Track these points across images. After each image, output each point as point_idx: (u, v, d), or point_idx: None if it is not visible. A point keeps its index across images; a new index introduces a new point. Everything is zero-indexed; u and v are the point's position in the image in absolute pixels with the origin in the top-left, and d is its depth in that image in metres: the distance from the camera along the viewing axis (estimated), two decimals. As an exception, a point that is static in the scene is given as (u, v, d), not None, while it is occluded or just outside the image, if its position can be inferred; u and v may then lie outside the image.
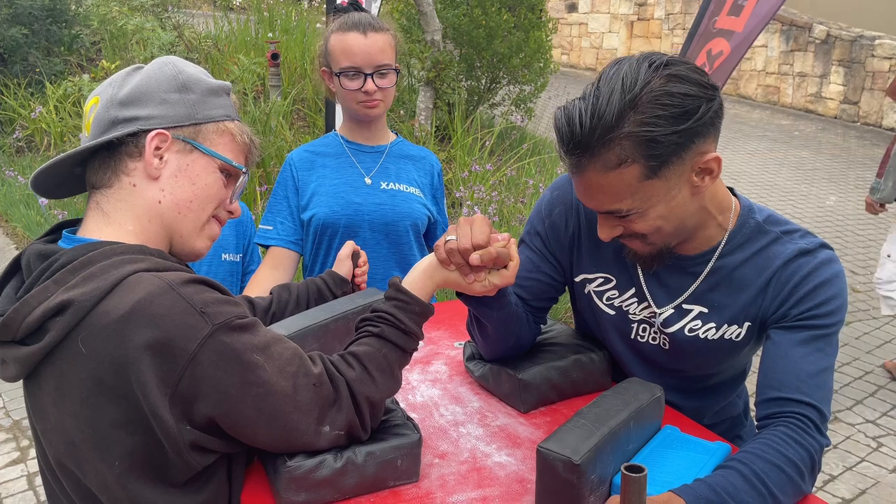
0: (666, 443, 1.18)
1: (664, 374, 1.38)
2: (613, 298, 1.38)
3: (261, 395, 0.99)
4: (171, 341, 0.95)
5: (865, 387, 3.85)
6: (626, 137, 1.07)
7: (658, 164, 1.09)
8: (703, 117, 1.09)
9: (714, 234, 1.27)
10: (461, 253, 1.13)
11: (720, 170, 1.15)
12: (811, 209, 6.86)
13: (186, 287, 0.99)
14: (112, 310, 0.96)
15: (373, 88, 1.86)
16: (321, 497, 1.08)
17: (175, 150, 1.10)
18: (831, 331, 1.18)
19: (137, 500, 1.00)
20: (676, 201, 1.15)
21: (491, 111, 7.51)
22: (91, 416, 0.97)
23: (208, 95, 1.14)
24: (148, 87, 1.10)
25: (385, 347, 1.11)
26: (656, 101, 1.06)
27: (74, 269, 1.00)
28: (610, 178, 1.10)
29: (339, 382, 1.06)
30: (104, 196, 1.10)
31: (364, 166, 1.99)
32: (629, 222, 1.17)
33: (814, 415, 1.13)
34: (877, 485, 3.03)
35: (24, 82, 7.25)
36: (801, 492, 1.08)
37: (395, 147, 2.04)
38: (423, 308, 1.14)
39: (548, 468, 1.02)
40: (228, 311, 1.00)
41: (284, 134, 5.92)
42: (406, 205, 1.97)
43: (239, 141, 1.17)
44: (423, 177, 2.05)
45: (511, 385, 1.37)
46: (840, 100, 10.21)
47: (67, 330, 0.97)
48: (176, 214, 1.11)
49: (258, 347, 1.01)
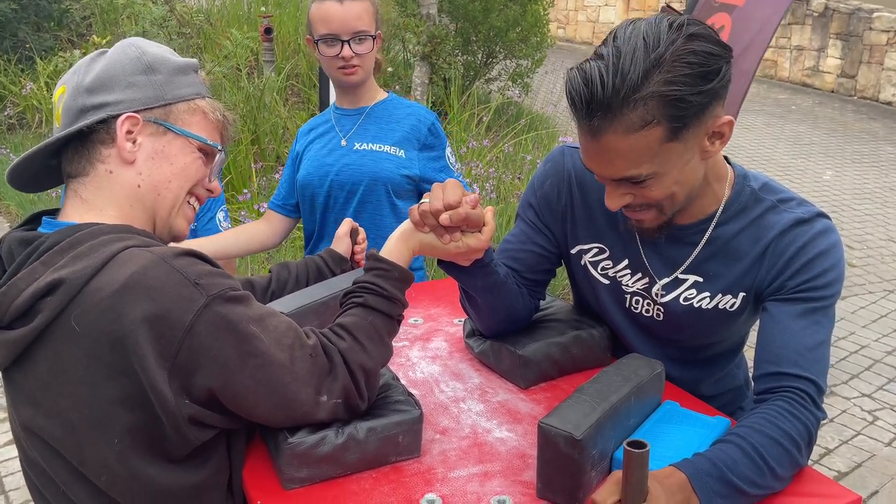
0: (666, 418, 1.18)
1: (661, 343, 1.39)
2: (608, 269, 1.38)
3: (259, 365, 0.99)
4: (168, 313, 0.94)
5: (862, 361, 3.87)
6: (652, 97, 1.04)
7: (681, 125, 1.07)
8: (724, 77, 1.08)
9: (709, 203, 1.26)
10: (433, 214, 1.14)
11: (731, 133, 1.13)
12: (808, 184, 6.85)
13: (179, 259, 0.98)
14: (105, 286, 0.95)
15: (349, 54, 1.91)
16: (323, 473, 1.08)
17: (148, 133, 1.10)
18: (828, 303, 1.18)
19: (138, 477, 1.00)
20: (689, 166, 1.13)
21: (487, 86, 7.44)
22: (88, 394, 0.97)
23: (175, 74, 1.13)
24: (113, 72, 1.09)
25: (370, 315, 1.11)
26: (682, 60, 1.04)
27: (63, 250, 0.99)
28: (631, 141, 1.07)
29: (333, 352, 1.06)
30: (81, 184, 1.09)
31: (343, 129, 2.07)
32: (644, 189, 1.14)
33: (811, 389, 1.13)
34: (872, 458, 3.06)
35: (14, 58, 7.16)
36: (798, 464, 1.09)
37: (377, 107, 2.07)
38: (402, 274, 1.15)
39: (549, 443, 1.02)
40: (222, 283, 1.00)
41: (279, 110, 5.86)
42: (374, 164, 2.00)
43: (212, 118, 1.16)
44: (408, 133, 2.04)
45: (511, 361, 1.37)
46: (837, 73, 10.15)
47: (59, 309, 0.96)
48: (156, 196, 1.10)
49: (253, 319, 1.01)
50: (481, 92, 7.16)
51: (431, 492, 1.07)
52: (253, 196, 4.67)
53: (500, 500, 1.05)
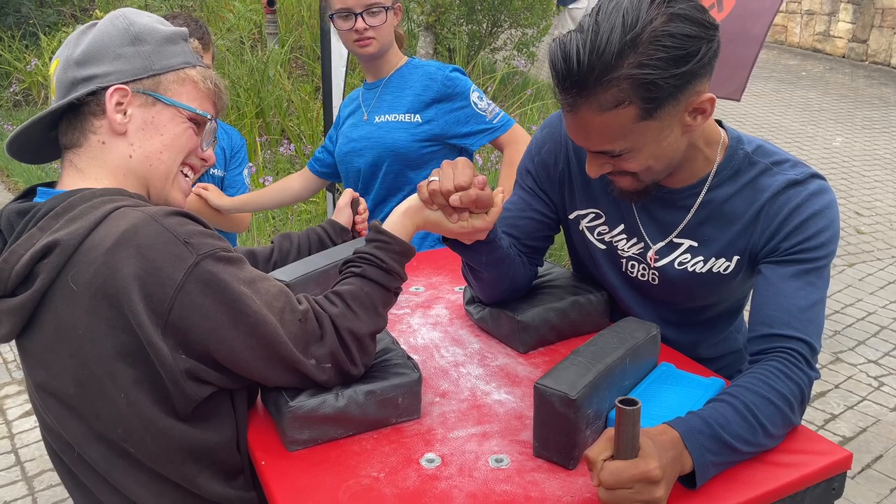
0: (661, 379, 1.20)
1: (658, 306, 1.40)
2: (604, 234, 1.39)
3: (250, 325, 1.01)
4: (158, 271, 0.97)
5: (868, 327, 3.88)
6: (625, 79, 1.05)
7: (654, 106, 1.08)
8: (703, 59, 1.07)
9: (701, 168, 1.26)
10: (443, 194, 1.14)
11: (713, 110, 1.14)
12: (817, 151, 6.79)
13: (169, 218, 1.00)
14: (99, 243, 0.97)
15: (362, 27, 1.96)
16: (325, 434, 1.11)
17: (137, 104, 1.11)
18: (822, 263, 1.19)
19: (150, 428, 1.03)
20: (668, 141, 1.15)
21: (492, 56, 7.38)
22: (92, 351, 0.99)
23: (164, 44, 1.14)
24: (101, 44, 1.10)
25: (367, 286, 1.12)
26: (657, 42, 1.04)
27: (57, 215, 1.02)
28: (604, 119, 1.09)
29: (323, 318, 1.08)
30: (76, 155, 1.11)
31: (367, 104, 2.14)
32: (620, 161, 1.17)
33: (804, 349, 1.14)
34: (877, 423, 3.08)
35: (18, 34, 7.15)
36: (790, 423, 1.10)
37: (394, 77, 2.10)
38: (403, 247, 1.16)
39: (545, 403, 1.04)
40: (212, 244, 1.01)
41: (283, 83, 5.84)
42: (388, 135, 2.06)
43: (203, 88, 1.17)
44: (419, 93, 2.05)
45: (510, 326, 1.39)
46: (848, 38, 10.00)
47: (57, 270, 0.98)
48: (147, 167, 1.12)
49: (245, 281, 1.03)
50: (486, 62, 7.11)
51: (431, 451, 1.10)
52: (258, 169, 4.68)
53: (498, 459, 1.08)
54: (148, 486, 1.07)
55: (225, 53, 5.87)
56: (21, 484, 2.71)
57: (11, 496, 2.65)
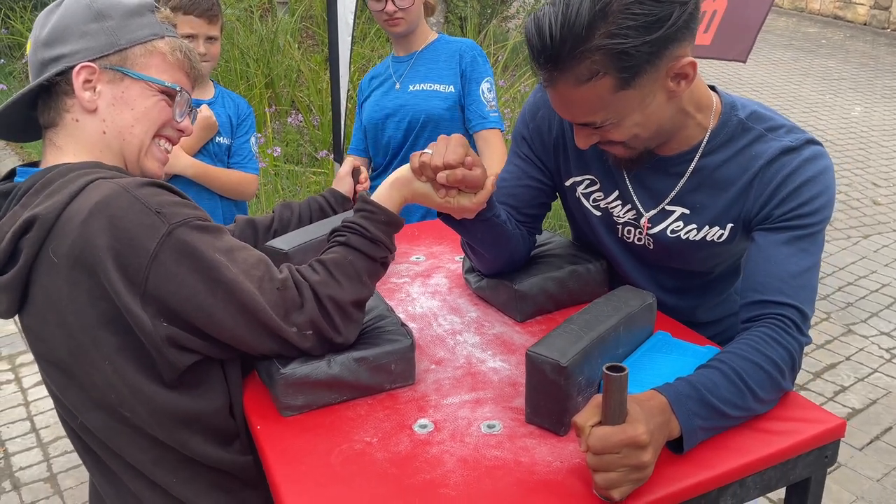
0: (656, 347, 1.20)
1: (656, 271, 1.39)
2: (599, 200, 1.38)
3: (228, 292, 1.02)
4: (131, 241, 0.97)
5: (881, 299, 3.84)
6: (597, 50, 1.04)
7: (630, 75, 1.07)
8: (676, 23, 1.05)
9: (693, 134, 1.25)
10: (432, 169, 1.14)
11: (695, 73, 1.13)
12: (835, 120, 6.68)
13: (141, 189, 1.01)
14: (75, 215, 0.99)
15: (392, 9, 2.16)
16: (318, 399, 1.12)
17: (106, 81, 1.12)
18: (816, 229, 1.17)
19: (139, 395, 1.04)
20: (652, 108, 1.13)
21: (504, 25, 7.30)
22: (76, 321, 1.01)
23: (128, 18, 1.13)
24: (65, 23, 1.11)
25: (351, 255, 1.12)
26: (627, 11, 1.03)
27: (37, 191, 1.04)
28: (582, 91, 1.09)
29: (303, 285, 1.08)
30: (55, 133, 1.13)
31: (398, 74, 2.33)
32: (605, 132, 1.16)
33: (794, 315, 1.13)
34: (888, 395, 3.07)
35: (31, 5, 7.15)
36: (781, 388, 1.10)
37: (426, 50, 2.31)
38: (389, 217, 1.15)
39: (536, 370, 1.05)
40: (185, 213, 1.02)
41: (293, 53, 5.81)
42: (425, 102, 2.26)
43: (172, 59, 1.17)
44: (453, 66, 2.27)
45: (508, 295, 1.39)
46: (870, 5, 9.76)
47: (38, 244, 1.00)
48: (121, 141, 1.13)
49: (221, 249, 1.03)
50: (498, 31, 7.02)
51: (424, 417, 1.11)
52: (267, 140, 4.68)
53: (490, 425, 1.09)
54: (147, 451, 1.09)
55: (234, 23, 5.84)
56: (37, 450, 2.77)
57: (27, 462, 2.72)
